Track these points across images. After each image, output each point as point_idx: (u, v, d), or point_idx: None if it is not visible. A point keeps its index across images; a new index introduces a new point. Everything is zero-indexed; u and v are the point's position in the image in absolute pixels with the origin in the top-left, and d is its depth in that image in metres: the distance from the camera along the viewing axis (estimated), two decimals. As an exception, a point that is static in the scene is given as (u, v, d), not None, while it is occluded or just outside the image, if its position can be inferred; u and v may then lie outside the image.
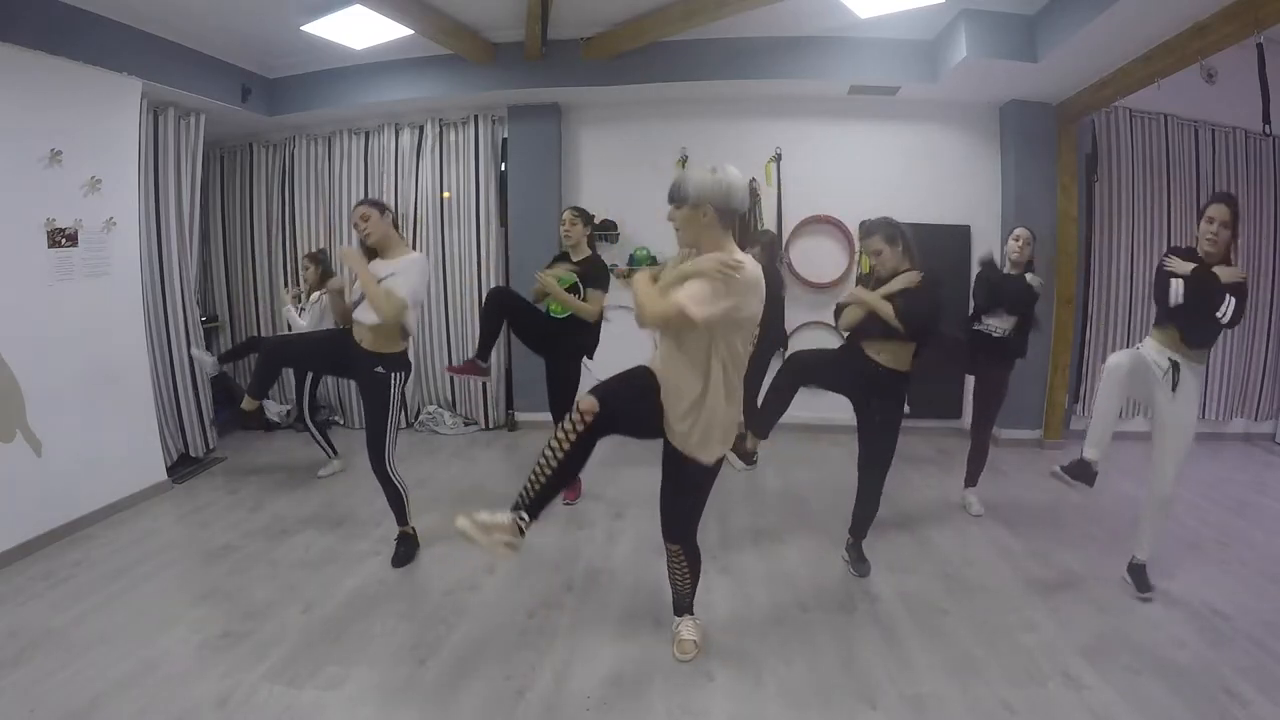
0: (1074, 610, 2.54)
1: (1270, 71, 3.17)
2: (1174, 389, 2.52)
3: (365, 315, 2.78)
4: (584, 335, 3.51)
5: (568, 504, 3.63)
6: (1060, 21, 3.69)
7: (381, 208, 2.82)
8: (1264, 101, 3.20)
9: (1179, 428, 2.54)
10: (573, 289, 3.44)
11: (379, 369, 2.80)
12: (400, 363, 2.86)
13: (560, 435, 1.91)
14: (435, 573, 2.89)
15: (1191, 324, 2.53)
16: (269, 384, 3.05)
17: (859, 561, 2.87)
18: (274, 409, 5.11)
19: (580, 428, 1.89)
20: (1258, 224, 4.87)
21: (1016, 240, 3.39)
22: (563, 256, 3.62)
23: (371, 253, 2.84)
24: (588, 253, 3.54)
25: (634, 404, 2.01)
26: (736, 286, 1.86)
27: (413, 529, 3.06)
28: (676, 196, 1.99)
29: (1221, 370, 4.96)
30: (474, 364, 3.58)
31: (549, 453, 1.93)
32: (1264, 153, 4.83)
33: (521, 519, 1.94)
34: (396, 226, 2.90)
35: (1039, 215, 4.76)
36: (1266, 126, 3.20)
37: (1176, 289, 2.48)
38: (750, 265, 1.91)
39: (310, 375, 4.18)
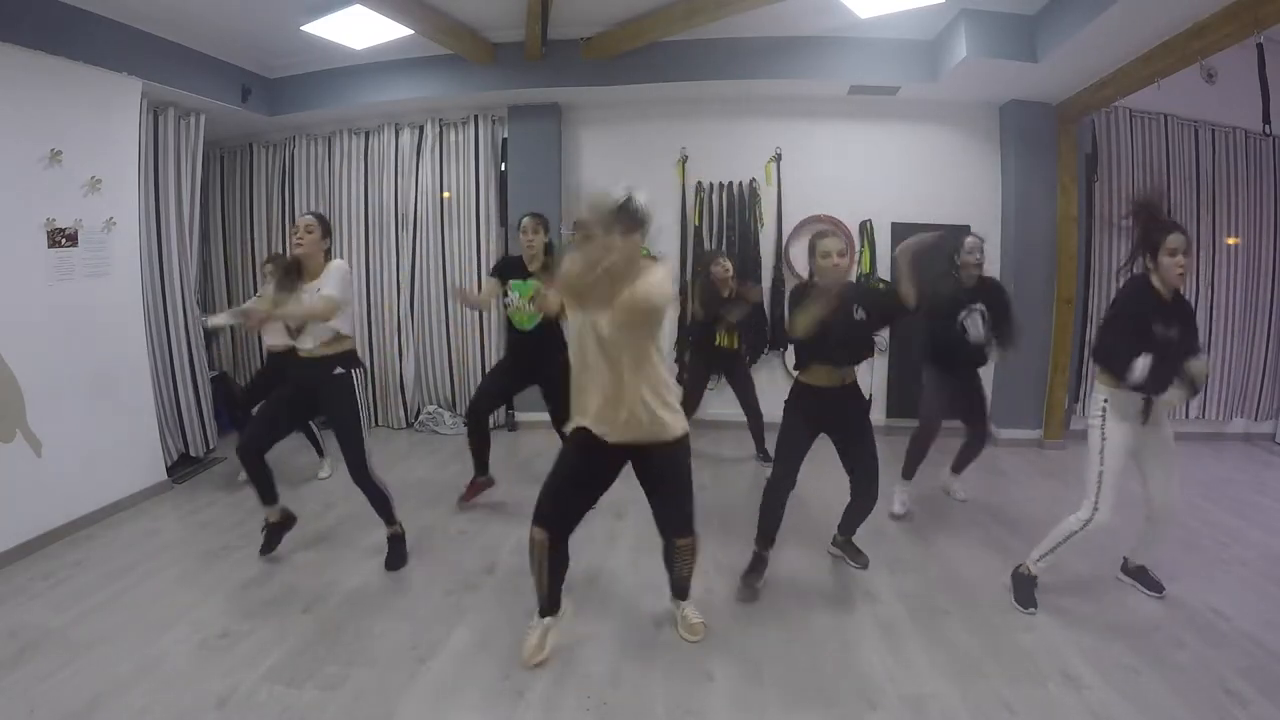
0: (1074, 610, 2.54)
1: (1270, 71, 3.17)
2: (1145, 421, 2.41)
3: (313, 338, 2.78)
4: (560, 337, 3.49)
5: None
6: (1060, 21, 3.69)
7: (325, 229, 2.85)
8: (1264, 101, 3.20)
9: (1169, 440, 2.48)
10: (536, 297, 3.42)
11: (339, 369, 2.80)
12: (354, 359, 2.87)
13: (534, 560, 2.19)
14: (435, 573, 2.89)
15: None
16: (269, 482, 2.94)
17: (858, 554, 2.93)
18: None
19: (545, 553, 2.15)
20: (1258, 224, 4.87)
21: (972, 254, 3.31)
22: (513, 262, 3.54)
23: (297, 265, 2.83)
24: (543, 260, 3.47)
25: (575, 495, 2.17)
26: None
27: (401, 528, 3.00)
28: (632, 221, 1.92)
29: (1221, 370, 4.96)
30: (476, 483, 3.70)
31: (534, 568, 2.21)
32: (1264, 153, 4.83)
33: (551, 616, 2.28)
34: (328, 253, 2.89)
35: (1039, 215, 4.77)
36: (1266, 126, 3.20)
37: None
38: None
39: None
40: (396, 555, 2.96)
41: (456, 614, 2.55)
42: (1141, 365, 2.21)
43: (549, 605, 2.27)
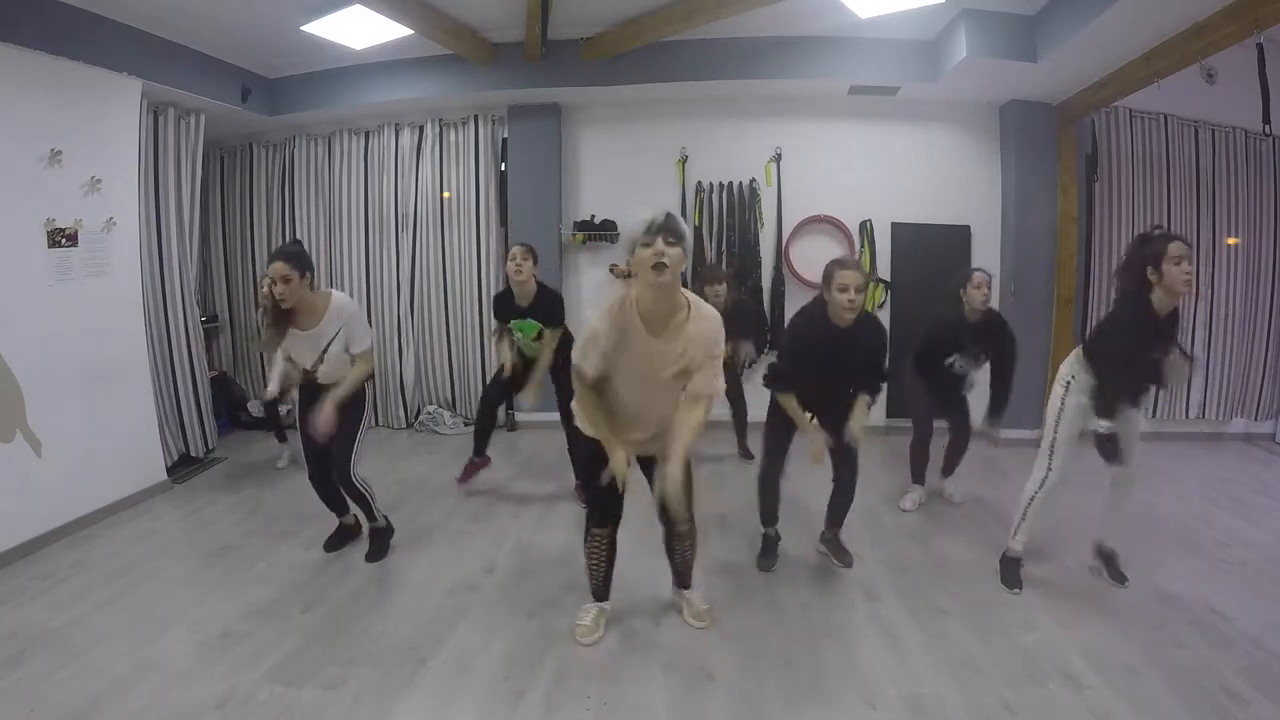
0: (1074, 610, 2.54)
1: (1270, 71, 3.18)
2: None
3: (330, 375, 2.78)
4: (566, 349, 3.53)
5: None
6: (1060, 21, 3.69)
7: (303, 269, 2.61)
8: (1264, 101, 3.20)
9: (1132, 418, 2.61)
10: (540, 335, 3.50)
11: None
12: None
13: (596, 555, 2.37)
14: (435, 573, 2.89)
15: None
16: (339, 499, 3.02)
17: (843, 553, 2.84)
18: (285, 409, 5.07)
19: (606, 546, 2.34)
20: (1258, 224, 4.87)
21: (980, 288, 3.33)
22: (505, 295, 3.57)
23: (286, 314, 2.67)
24: (534, 289, 3.47)
25: (614, 489, 2.18)
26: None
27: (384, 519, 3.08)
28: (678, 232, 1.87)
29: (1222, 370, 4.96)
30: (473, 464, 3.80)
31: (594, 562, 2.38)
32: (1264, 153, 4.83)
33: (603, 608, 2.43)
34: (313, 285, 2.69)
35: (1039, 215, 4.77)
36: (1266, 126, 3.20)
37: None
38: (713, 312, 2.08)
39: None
40: (378, 549, 3.01)
41: (456, 614, 2.55)
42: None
43: (603, 592, 2.41)
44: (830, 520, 2.88)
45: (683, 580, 2.49)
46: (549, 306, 3.51)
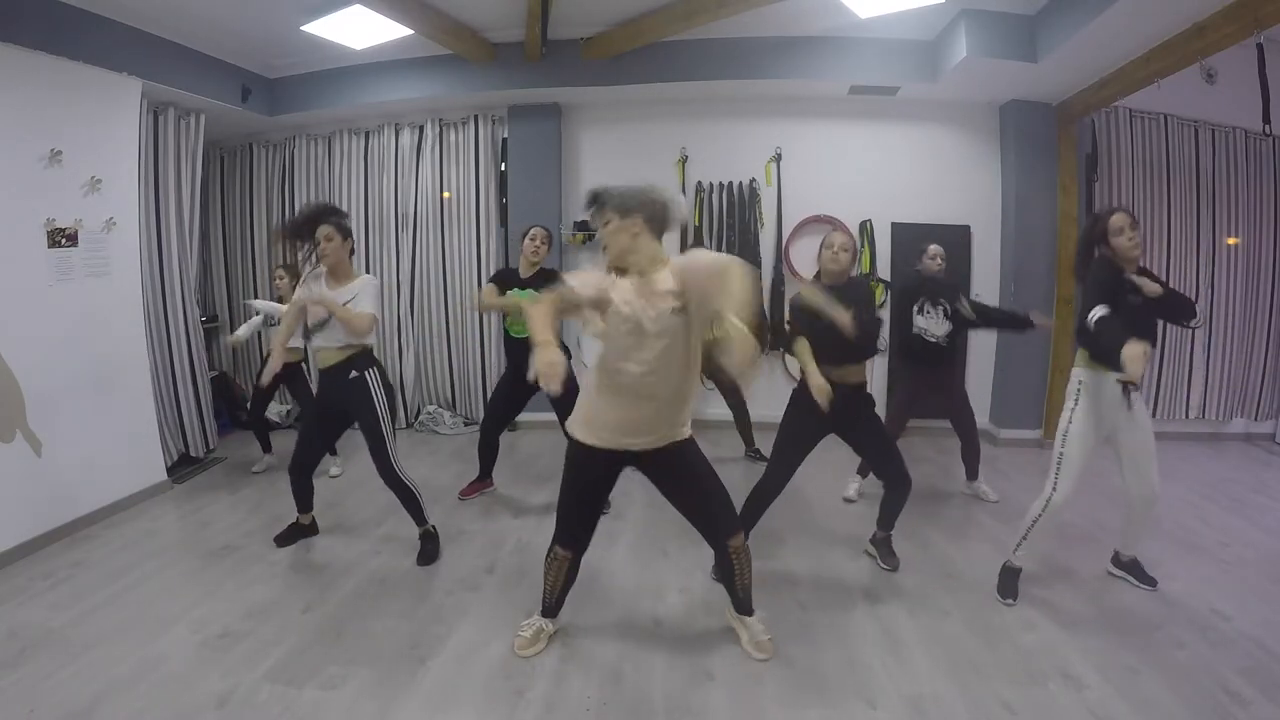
0: (1074, 610, 2.54)
1: (1270, 71, 3.18)
2: (1130, 406, 2.49)
3: (329, 340, 2.84)
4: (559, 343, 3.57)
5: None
6: (1060, 21, 3.69)
7: (345, 232, 2.88)
8: (1264, 101, 3.20)
9: (1146, 428, 2.53)
10: None
11: (353, 373, 2.87)
12: (369, 359, 2.93)
13: (551, 572, 2.30)
14: (435, 572, 2.89)
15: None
16: (308, 496, 3.19)
17: (890, 556, 2.90)
18: (274, 409, 5.12)
19: (565, 568, 2.27)
20: (1258, 224, 4.87)
21: (934, 258, 3.58)
22: (507, 274, 3.60)
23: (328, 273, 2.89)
24: (538, 271, 3.53)
25: (590, 511, 2.23)
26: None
27: (433, 526, 3.07)
28: (601, 208, 1.98)
29: (1221, 370, 4.96)
30: (478, 484, 3.83)
31: (549, 578, 2.31)
32: (1264, 153, 4.83)
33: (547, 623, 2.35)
34: (353, 252, 2.97)
35: (1039, 215, 4.77)
36: (1266, 126, 3.20)
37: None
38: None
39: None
40: (429, 551, 2.99)
41: (456, 614, 2.55)
42: (1098, 311, 2.32)
43: (553, 609, 2.34)
44: (882, 522, 2.90)
45: (744, 606, 2.31)
46: (550, 279, 3.51)
